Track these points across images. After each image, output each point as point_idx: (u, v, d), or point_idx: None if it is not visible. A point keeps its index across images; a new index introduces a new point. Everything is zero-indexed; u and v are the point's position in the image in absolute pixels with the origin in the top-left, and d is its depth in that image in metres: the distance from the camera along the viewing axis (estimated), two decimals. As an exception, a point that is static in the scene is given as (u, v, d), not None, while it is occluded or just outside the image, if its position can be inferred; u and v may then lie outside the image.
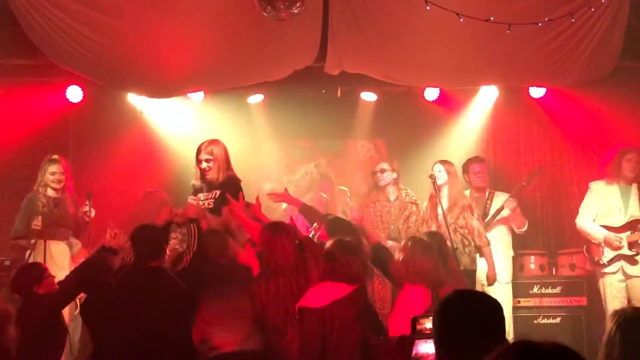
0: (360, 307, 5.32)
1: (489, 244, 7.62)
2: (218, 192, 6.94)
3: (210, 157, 7.01)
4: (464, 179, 8.39)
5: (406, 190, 8.12)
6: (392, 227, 7.92)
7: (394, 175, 8.10)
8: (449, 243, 7.02)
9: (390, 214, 7.97)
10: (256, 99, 9.37)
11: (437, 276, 5.65)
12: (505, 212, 8.24)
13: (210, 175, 7.03)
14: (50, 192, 7.65)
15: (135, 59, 7.18)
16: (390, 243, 7.62)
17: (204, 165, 7.03)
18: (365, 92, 9.43)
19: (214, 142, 7.12)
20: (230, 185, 6.93)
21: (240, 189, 6.95)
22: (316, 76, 8.16)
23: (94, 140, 9.22)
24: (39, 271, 5.93)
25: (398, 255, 5.85)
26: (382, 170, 8.12)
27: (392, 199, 8.06)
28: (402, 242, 6.13)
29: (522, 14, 6.85)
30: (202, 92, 8.67)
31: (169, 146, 9.29)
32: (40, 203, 7.52)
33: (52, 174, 7.66)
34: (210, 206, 6.91)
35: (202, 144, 7.10)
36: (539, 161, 9.46)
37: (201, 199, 6.95)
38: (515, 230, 8.43)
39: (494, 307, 2.83)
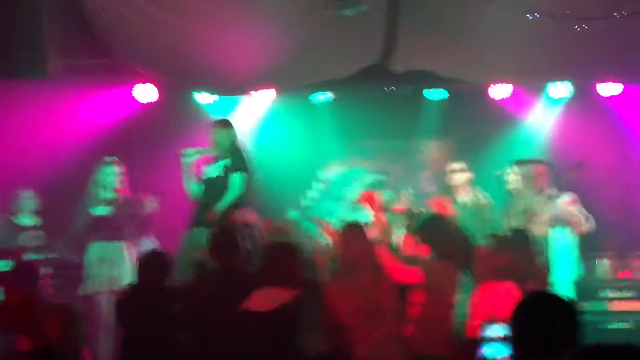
0: None
1: None
2: None
3: None
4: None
5: (481, 192, 7.93)
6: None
7: (468, 175, 7.89)
8: None
9: (463, 215, 7.73)
10: (322, 97, 9.42)
11: (519, 272, 5.53)
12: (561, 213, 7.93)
13: None
14: (105, 194, 7.79)
15: (205, 56, 7.27)
16: None
17: None
18: (432, 90, 9.37)
19: None
20: None
21: None
22: (382, 74, 8.10)
23: (160, 140, 9.29)
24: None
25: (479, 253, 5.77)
26: (455, 170, 7.96)
27: (465, 200, 7.83)
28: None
29: (594, 10, 6.69)
30: (272, 90, 8.72)
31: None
32: (97, 204, 7.70)
33: (108, 175, 7.81)
34: None
35: None
36: (606, 162, 9.26)
37: None
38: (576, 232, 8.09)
39: (569, 309, 2.85)
